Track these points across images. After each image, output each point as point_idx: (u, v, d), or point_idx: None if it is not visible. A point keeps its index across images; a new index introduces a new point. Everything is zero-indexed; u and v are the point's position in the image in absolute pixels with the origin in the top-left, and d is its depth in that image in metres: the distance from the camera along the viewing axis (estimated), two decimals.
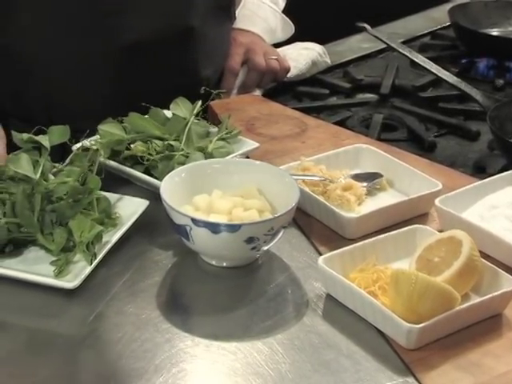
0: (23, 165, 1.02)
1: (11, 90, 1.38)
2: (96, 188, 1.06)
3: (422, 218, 1.14)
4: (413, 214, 1.13)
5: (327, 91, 1.59)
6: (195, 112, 1.24)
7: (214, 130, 1.26)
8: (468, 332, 0.94)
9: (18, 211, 1.01)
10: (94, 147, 1.14)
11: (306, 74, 1.62)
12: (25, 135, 1.08)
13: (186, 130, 1.21)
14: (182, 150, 1.18)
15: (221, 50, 1.51)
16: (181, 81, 1.41)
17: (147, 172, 1.18)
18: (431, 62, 1.56)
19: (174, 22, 1.38)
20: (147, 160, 1.18)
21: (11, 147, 1.18)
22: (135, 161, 1.19)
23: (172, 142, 1.19)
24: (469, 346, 0.92)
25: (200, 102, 1.25)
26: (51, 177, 1.08)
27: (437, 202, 1.10)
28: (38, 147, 1.08)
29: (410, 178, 1.18)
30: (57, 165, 1.11)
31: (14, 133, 1.10)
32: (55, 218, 1.03)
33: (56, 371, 0.90)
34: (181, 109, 1.24)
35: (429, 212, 1.15)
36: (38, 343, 0.94)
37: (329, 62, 1.67)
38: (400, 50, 1.59)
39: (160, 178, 1.13)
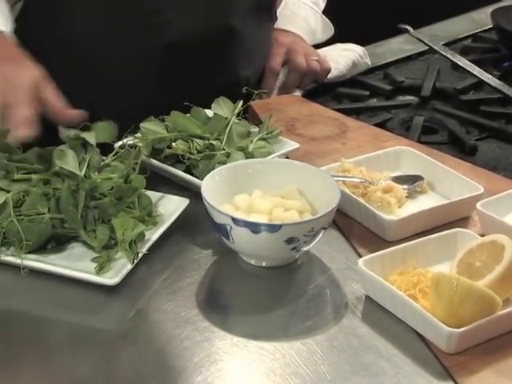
0: (69, 161, 1.03)
1: (56, 86, 1.39)
2: (140, 187, 1.07)
3: (462, 221, 1.13)
4: (453, 218, 1.13)
5: (367, 93, 1.59)
6: (236, 112, 1.24)
7: (254, 129, 1.27)
8: (509, 337, 0.93)
9: (63, 207, 1.02)
10: (137, 145, 1.14)
11: (346, 75, 1.62)
12: (72, 132, 1.09)
13: (227, 129, 1.21)
14: (223, 149, 1.19)
15: (261, 49, 1.51)
16: (221, 80, 1.41)
17: (188, 171, 1.18)
18: (473, 65, 1.55)
19: (215, 22, 1.39)
20: (188, 159, 1.18)
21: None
22: (176, 159, 1.20)
23: (213, 142, 1.20)
24: (510, 351, 0.92)
25: (241, 102, 1.26)
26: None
27: (478, 205, 1.09)
28: (84, 144, 1.09)
29: (451, 181, 1.17)
30: (105, 158, 1.12)
31: (60, 129, 1.11)
32: (98, 214, 1.04)
33: (96, 367, 0.91)
34: (222, 108, 1.24)
35: (470, 216, 1.14)
36: (78, 339, 0.95)
37: (369, 63, 1.66)
38: (442, 53, 1.59)
39: (200, 177, 1.13)
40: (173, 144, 1.20)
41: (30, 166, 1.08)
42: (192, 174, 1.18)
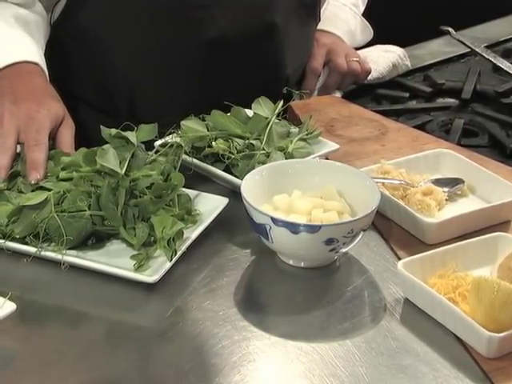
0: (110, 159, 1.04)
1: (97, 82, 1.40)
2: (179, 185, 1.08)
3: (503, 225, 1.12)
4: (494, 222, 1.12)
5: (407, 94, 1.58)
6: (277, 112, 1.24)
7: (294, 130, 1.26)
8: None
9: (103, 204, 1.03)
10: (178, 143, 1.14)
11: (386, 77, 1.61)
12: (113, 130, 1.10)
13: (268, 129, 1.22)
14: (263, 149, 1.19)
15: (303, 48, 1.51)
16: (262, 78, 1.41)
17: (227, 170, 1.19)
18: None
19: (258, 18, 1.39)
20: (228, 158, 1.18)
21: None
22: (216, 158, 1.20)
23: (253, 141, 1.20)
24: None
25: (282, 102, 1.26)
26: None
27: None
28: (127, 143, 1.09)
29: (492, 184, 1.16)
30: (150, 153, 1.12)
31: (102, 127, 1.11)
32: (138, 212, 1.04)
33: (135, 364, 0.91)
34: (262, 108, 1.24)
35: (511, 220, 1.13)
36: (117, 335, 0.95)
37: (409, 65, 1.66)
38: (484, 55, 1.58)
39: (240, 177, 1.13)
40: (213, 143, 1.20)
41: (77, 168, 1.09)
42: (231, 174, 1.18)
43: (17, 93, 1.18)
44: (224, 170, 1.19)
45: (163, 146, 1.15)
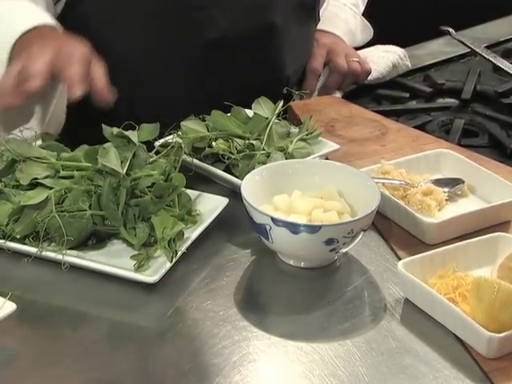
0: (111, 159, 1.04)
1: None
2: (181, 185, 1.08)
3: (503, 225, 1.12)
4: (494, 222, 1.12)
5: (407, 95, 1.58)
6: (277, 112, 1.24)
7: (294, 130, 1.27)
8: None
9: (104, 204, 1.03)
10: (177, 143, 1.14)
11: (386, 77, 1.61)
12: (115, 129, 1.10)
13: (268, 129, 1.22)
14: (263, 149, 1.19)
15: (303, 48, 1.51)
16: (262, 78, 1.42)
17: (227, 170, 1.19)
18: None
19: (257, 18, 1.39)
20: (228, 158, 1.19)
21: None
22: (216, 159, 1.20)
23: (253, 141, 1.20)
24: None
25: (282, 102, 1.26)
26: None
27: None
28: (129, 142, 1.09)
29: (492, 184, 1.16)
30: (151, 154, 1.12)
31: (104, 126, 1.11)
32: (138, 212, 1.04)
33: (135, 364, 0.91)
34: (262, 108, 1.24)
35: (511, 220, 1.13)
36: (118, 336, 0.95)
37: (409, 65, 1.66)
38: (484, 55, 1.58)
39: (240, 177, 1.13)
40: (213, 143, 1.20)
41: (77, 164, 1.09)
42: (231, 174, 1.18)
43: (45, 39, 1.16)
44: (224, 170, 1.19)
45: (163, 146, 1.15)
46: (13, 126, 1.18)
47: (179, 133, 1.20)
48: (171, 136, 1.18)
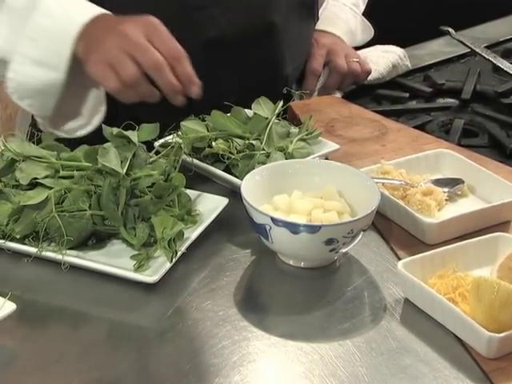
0: (111, 158, 1.04)
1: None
2: (180, 185, 1.08)
3: (503, 225, 1.12)
4: (494, 222, 1.12)
5: (407, 95, 1.58)
6: (277, 112, 1.24)
7: (294, 130, 1.27)
8: None
9: (104, 204, 1.03)
10: (177, 144, 1.14)
11: (386, 77, 1.61)
12: (115, 129, 1.10)
13: (267, 129, 1.22)
14: (263, 149, 1.19)
15: (302, 47, 1.51)
16: (261, 78, 1.41)
17: (227, 170, 1.19)
18: None
19: (256, 18, 1.39)
20: (228, 158, 1.19)
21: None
22: (216, 159, 1.20)
23: (253, 142, 1.20)
24: None
25: (282, 102, 1.26)
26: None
27: None
28: (129, 142, 1.09)
29: (492, 184, 1.16)
30: (151, 154, 1.12)
31: (104, 126, 1.11)
32: (138, 212, 1.04)
33: (135, 363, 0.91)
34: (262, 108, 1.24)
35: (511, 220, 1.13)
36: (118, 336, 0.95)
37: (409, 65, 1.66)
38: (484, 55, 1.58)
39: (240, 177, 1.14)
40: (213, 143, 1.20)
41: (76, 163, 1.09)
42: (231, 174, 1.18)
43: (120, 23, 1.16)
44: (224, 170, 1.19)
45: (163, 146, 1.15)
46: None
47: (179, 133, 1.20)
48: (171, 136, 1.18)
